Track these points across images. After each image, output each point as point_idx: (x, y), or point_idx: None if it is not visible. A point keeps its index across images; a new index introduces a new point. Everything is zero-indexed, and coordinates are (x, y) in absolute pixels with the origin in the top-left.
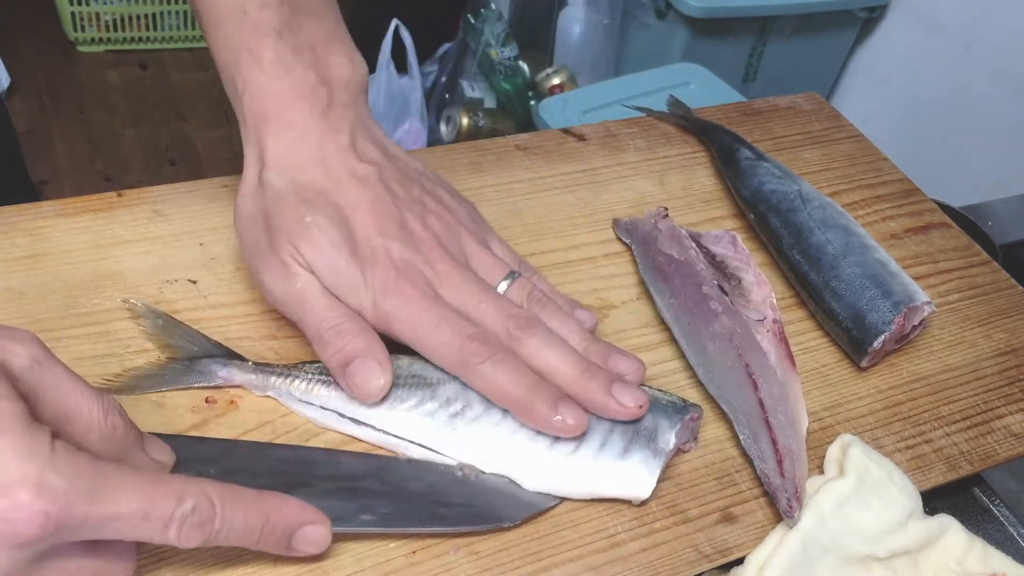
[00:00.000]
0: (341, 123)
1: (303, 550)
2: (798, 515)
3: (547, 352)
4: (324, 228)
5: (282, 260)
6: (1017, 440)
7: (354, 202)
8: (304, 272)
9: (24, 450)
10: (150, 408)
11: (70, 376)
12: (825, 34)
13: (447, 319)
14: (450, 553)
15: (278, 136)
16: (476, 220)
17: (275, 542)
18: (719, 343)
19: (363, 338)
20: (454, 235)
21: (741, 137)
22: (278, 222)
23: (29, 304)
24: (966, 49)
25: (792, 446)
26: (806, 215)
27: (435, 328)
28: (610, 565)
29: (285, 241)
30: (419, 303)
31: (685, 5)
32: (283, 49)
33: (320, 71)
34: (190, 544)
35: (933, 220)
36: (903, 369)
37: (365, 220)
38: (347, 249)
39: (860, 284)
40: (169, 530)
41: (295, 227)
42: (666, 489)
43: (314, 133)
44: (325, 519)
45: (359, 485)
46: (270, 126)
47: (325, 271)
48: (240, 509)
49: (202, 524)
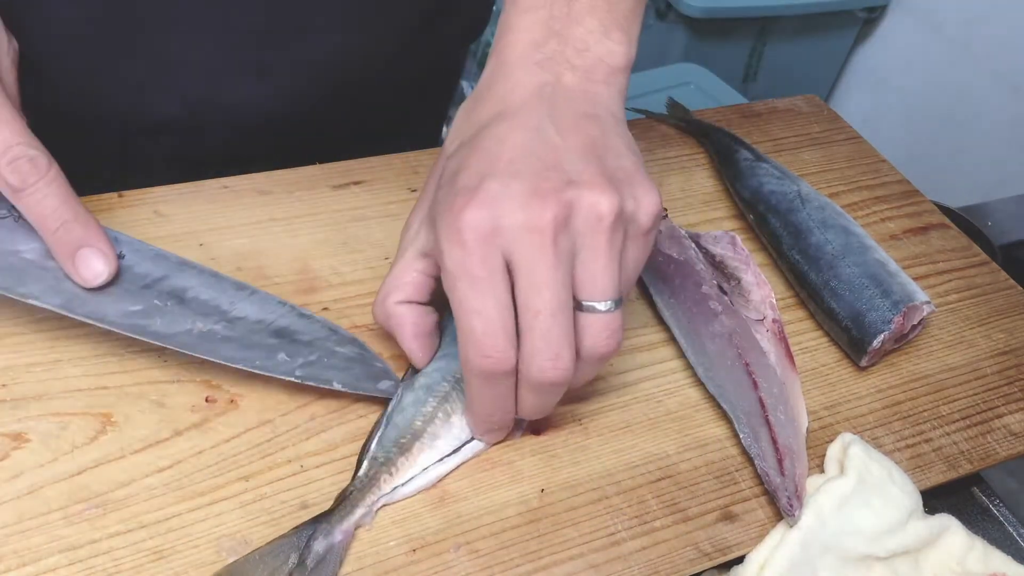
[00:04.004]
0: (540, 104)
1: (80, 271)
2: (798, 514)
3: (531, 399)
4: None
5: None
6: (1016, 439)
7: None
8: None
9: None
10: (150, 406)
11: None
12: (825, 34)
13: (486, 311)
14: (450, 552)
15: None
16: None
17: (65, 246)
18: (719, 343)
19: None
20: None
21: (740, 138)
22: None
23: (31, 304)
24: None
25: (792, 445)
26: (805, 215)
27: (472, 311)
28: (610, 563)
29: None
30: (480, 278)
31: (685, 5)
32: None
33: (564, 27)
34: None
35: (932, 221)
36: (903, 369)
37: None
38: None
39: (859, 284)
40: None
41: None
42: (666, 488)
43: (519, 70)
44: (112, 258)
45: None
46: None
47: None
48: (56, 192)
49: (21, 174)
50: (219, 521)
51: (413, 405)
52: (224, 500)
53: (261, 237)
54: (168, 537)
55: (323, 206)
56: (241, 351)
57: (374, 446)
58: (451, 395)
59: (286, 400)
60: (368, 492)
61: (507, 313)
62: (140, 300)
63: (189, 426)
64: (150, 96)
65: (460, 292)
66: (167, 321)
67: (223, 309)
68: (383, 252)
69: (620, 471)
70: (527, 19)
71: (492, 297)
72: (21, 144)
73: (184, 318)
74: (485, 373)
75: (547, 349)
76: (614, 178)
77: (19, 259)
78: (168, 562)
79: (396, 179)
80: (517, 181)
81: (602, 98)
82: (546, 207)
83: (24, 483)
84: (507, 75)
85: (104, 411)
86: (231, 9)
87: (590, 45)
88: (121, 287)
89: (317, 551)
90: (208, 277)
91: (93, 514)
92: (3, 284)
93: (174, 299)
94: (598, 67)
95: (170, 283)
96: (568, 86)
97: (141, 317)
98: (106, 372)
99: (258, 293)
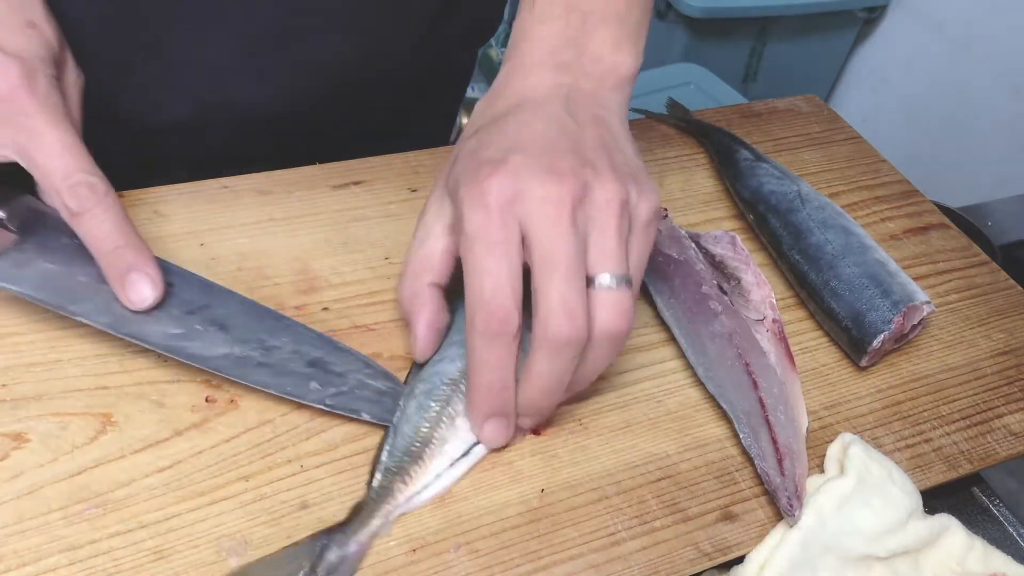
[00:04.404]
0: (557, 102)
1: (129, 294)
2: (798, 514)
3: (537, 371)
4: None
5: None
6: (1016, 439)
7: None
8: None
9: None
10: (150, 407)
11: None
12: (825, 34)
13: (498, 273)
14: (450, 552)
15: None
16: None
17: (116, 270)
18: (719, 343)
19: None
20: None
21: (740, 138)
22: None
23: (31, 304)
24: (966, 49)
25: (792, 445)
26: (805, 215)
27: (484, 272)
28: (610, 563)
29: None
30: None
31: (685, 5)
32: (557, 3)
33: (579, 37)
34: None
35: (932, 221)
36: (903, 369)
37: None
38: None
39: (859, 284)
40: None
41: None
42: (666, 488)
43: (537, 70)
44: (159, 283)
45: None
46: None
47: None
48: (111, 218)
49: (79, 198)
50: (219, 521)
51: (417, 412)
52: (224, 500)
53: (261, 237)
54: (168, 537)
55: (323, 206)
56: (274, 377)
57: (385, 457)
58: (452, 398)
59: (286, 400)
60: (383, 502)
61: (517, 281)
62: (183, 324)
63: (189, 426)
64: (156, 96)
65: (475, 254)
66: (205, 344)
67: (261, 337)
68: (383, 252)
69: (620, 471)
70: (544, 29)
71: (506, 262)
72: (82, 171)
73: (223, 343)
74: (490, 333)
75: (563, 307)
76: (621, 172)
77: (75, 281)
78: (168, 562)
79: (396, 179)
80: (539, 159)
81: (612, 104)
82: (564, 183)
83: (24, 483)
84: (525, 75)
85: (104, 411)
86: (238, 11)
87: (603, 56)
88: (166, 311)
89: (330, 561)
90: (251, 307)
91: (93, 514)
92: (57, 302)
93: (215, 325)
94: (609, 76)
95: (213, 311)
96: (583, 89)
97: (181, 339)
98: (106, 372)
99: (298, 325)
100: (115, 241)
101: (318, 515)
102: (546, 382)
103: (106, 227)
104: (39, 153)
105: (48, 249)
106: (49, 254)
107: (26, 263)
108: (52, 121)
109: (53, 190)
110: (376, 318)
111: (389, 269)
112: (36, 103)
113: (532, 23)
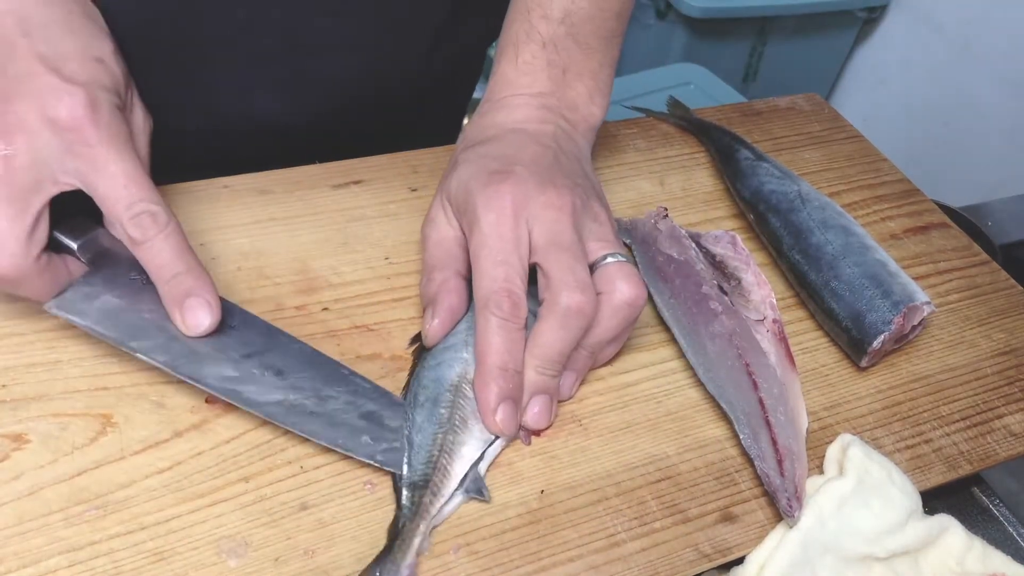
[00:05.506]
0: (548, 134)
1: (185, 319)
2: (798, 515)
3: (544, 338)
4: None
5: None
6: (1017, 440)
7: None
8: None
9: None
10: (150, 407)
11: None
12: (825, 34)
13: (512, 264)
14: (450, 553)
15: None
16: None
17: (175, 295)
18: (719, 343)
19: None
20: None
21: (741, 137)
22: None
23: (32, 304)
24: (966, 49)
25: (792, 446)
26: (806, 215)
27: (499, 263)
28: (610, 565)
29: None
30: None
31: (685, 5)
32: (539, 58)
33: (559, 89)
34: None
35: (933, 220)
36: (903, 369)
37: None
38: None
39: (859, 284)
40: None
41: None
42: (666, 489)
43: (522, 112)
44: (217, 310)
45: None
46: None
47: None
48: (172, 246)
49: (142, 228)
50: (219, 522)
51: (427, 420)
52: (224, 501)
53: (261, 237)
54: (168, 538)
55: (323, 206)
56: (327, 428)
57: (406, 471)
58: (457, 401)
59: None
60: (419, 519)
61: (525, 273)
62: (239, 368)
63: (189, 427)
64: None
65: (491, 247)
66: (260, 389)
67: (317, 386)
68: (383, 252)
69: (620, 472)
70: (527, 79)
71: (516, 256)
72: (144, 200)
73: (277, 389)
74: (503, 315)
75: (574, 280)
76: (604, 201)
77: (139, 317)
78: (168, 563)
79: (396, 179)
80: (539, 174)
81: (583, 146)
82: (563, 196)
83: (24, 484)
84: (511, 111)
85: (104, 412)
86: (254, 29)
87: (579, 105)
88: (225, 354)
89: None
90: (311, 354)
91: (93, 515)
92: (118, 337)
93: (272, 370)
94: (582, 123)
95: (271, 357)
96: (564, 129)
97: (236, 383)
98: (106, 373)
99: (356, 376)
100: (175, 268)
101: (318, 516)
102: (550, 352)
103: (166, 255)
104: (102, 182)
105: (115, 283)
106: (116, 288)
107: (93, 296)
108: (115, 150)
109: (116, 219)
110: (376, 318)
111: (389, 269)
112: (100, 132)
113: (516, 75)
